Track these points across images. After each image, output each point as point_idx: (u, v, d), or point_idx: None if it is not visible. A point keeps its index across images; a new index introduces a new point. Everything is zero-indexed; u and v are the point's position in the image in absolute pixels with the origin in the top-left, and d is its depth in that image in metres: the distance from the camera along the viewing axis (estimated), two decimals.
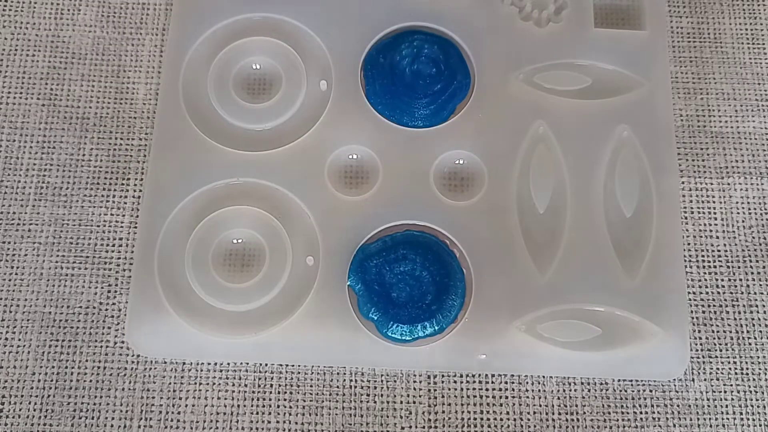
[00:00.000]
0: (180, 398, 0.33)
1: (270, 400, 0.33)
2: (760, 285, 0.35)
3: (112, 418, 0.32)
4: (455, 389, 0.33)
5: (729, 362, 0.34)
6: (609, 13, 0.38)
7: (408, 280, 0.33)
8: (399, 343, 0.32)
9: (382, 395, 0.33)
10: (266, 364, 0.33)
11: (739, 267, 0.35)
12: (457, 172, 0.35)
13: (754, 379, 0.34)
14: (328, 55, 0.36)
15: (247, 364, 0.33)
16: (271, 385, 0.33)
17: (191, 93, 0.36)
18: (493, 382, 0.33)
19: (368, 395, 0.33)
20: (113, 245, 0.35)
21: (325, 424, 0.32)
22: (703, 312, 0.34)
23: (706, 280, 0.35)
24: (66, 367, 0.33)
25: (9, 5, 0.38)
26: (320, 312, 0.33)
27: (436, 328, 0.32)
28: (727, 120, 0.37)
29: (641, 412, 0.33)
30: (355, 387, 0.33)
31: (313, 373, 0.33)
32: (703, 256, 0.35)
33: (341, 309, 0.33)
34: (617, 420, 0.33)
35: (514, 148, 0.35)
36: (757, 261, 0.35)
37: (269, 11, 0.37)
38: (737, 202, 0.36)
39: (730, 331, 0.34)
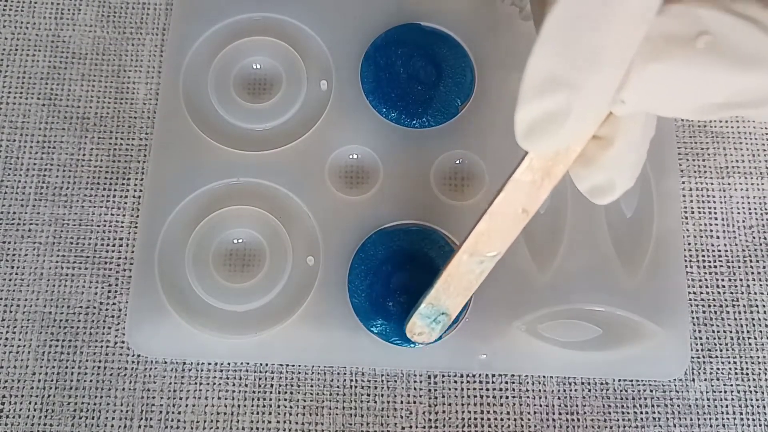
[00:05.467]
0: (180, 398, 0.33)
1: (270, 400, 0.33)
2: (761, 285, 0.35)
3: (113, 418, 0.32)
4: (455, 389, 0.33)
5: (729, 362, 0.34)
6: None
7: (410, 295, 0.33)
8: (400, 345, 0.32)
9: (382, 395, 0.33)
10: (266, 364, 0.33)
11: (739, 267, 0.35)
12: (457, 172, 0.35)
13: (754, 379, 0.34)
14: (328, 54, 0.36)
15: (248, 364, 0.33)
16: (272, 385, 0.33)
17: (191, 93, 0.36)
18: (493, 382, 0.33)
19: (369, 395, 0.33)
20: (113, 245, 0.35)
21: (325, 424, 0.32)
22: (704, 312, 0.35)
23: (706, 280, 0.35)
24: (66, 367, 0.33)
25: (9, 5, 0.38)
26: (320, 312, 0.33)
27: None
28: (727, 120, 0.37)
29: (641, 412, 0.33)
30: (356, 387, 0.33)
31: (313, 373, 0.33)
32: (703, 255, 0.35)
33: (341, 309, 0.33)
34: (617, 420, 0.33)
35: (514, 148, 0.35)
36: (757, 261, 0.35)
37: (269, 11, 0.37)
38: (737, 202, 0.36)
39: (731, 331, 0.34)
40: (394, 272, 0.33)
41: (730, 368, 0.34)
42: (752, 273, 0.35)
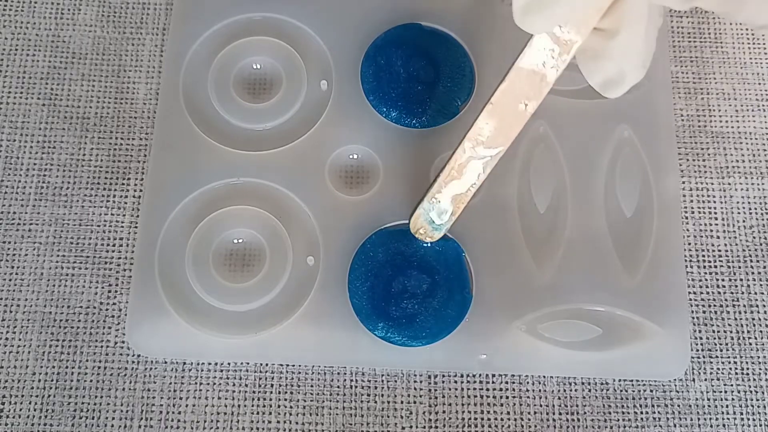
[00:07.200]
0: (180, 398, 0.33)
1: (270, 400, 0.33)
2: (761, 285, 0.35)
3: (113, 418, 0.32)
4: (456, 389, 0.33)
5: (729, 362, 0.34)
6: None
7: (410, 295, 0.33)
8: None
9: (382, 395, 0.33)
10: (267, 364, 0.33)
11: (739, 267, 0.35)
12: None
13: (754, 379, 0.34)
14: (328, 54, 0.36)
15: (248, 364, 0.33)
16: (272, 385, 0.33)
17: (191, 93, 0.36)
18: (493, 382, 0.33)
19: (369, 395, 0.33)
20: (113, 245, 0.35)
21: (325, 424, 0.32)
22: (704, 312, 0.34)
23: (706, 279, 0.35)
24: (66, 367, 0.33)
25: (9, 5, 0.38)
26: (320, 312, 0.33)
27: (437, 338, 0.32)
28: (727, 120, 0.37)
29: (641, 412, 0.33)
30: (356, 387, 0.33)
31: (313, 373, 0.33)
32: (703, 255, 0.35)
33: (341, 309, 0.33)
34: (617, 420, 0.33)
35: (514, 148, 0.35)
36: (757, 261, 0.35)
37: (269, 11, 0.37)
38: (738, 202, 0.36)
39: (731, 331, 0.34)
40: (394, 272, 0.33)
41: (730, 368, 0.34)
42: (752, 273, 0.35)
